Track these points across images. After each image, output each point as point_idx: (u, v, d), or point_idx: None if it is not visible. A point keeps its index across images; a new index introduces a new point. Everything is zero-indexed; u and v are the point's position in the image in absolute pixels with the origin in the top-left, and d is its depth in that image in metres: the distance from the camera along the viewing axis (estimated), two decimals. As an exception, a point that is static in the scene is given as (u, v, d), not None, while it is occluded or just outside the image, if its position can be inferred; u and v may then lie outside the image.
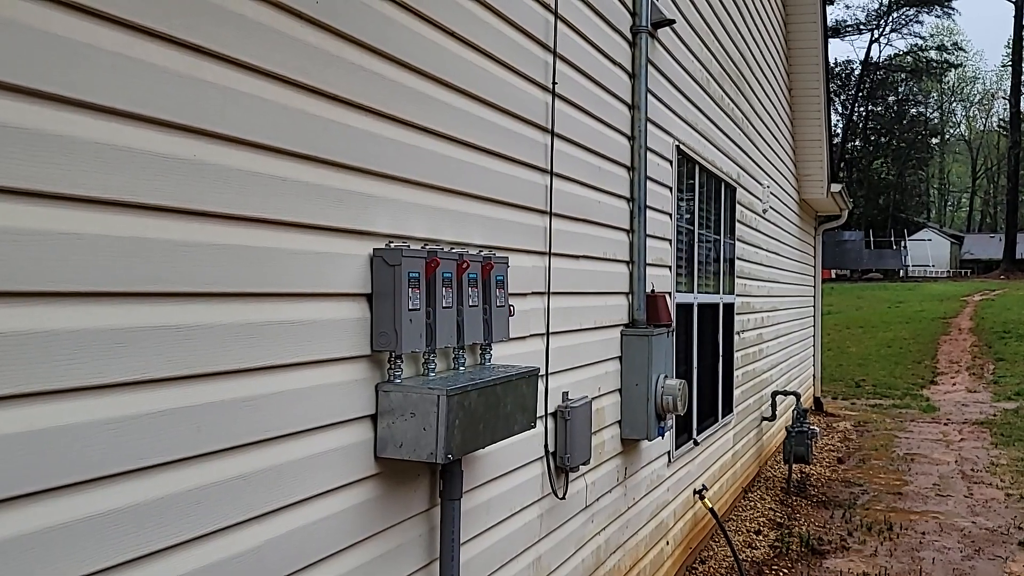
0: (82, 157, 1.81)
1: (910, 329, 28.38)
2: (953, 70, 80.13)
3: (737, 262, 8.72)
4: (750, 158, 9.31)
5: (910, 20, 70.02)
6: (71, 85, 1.79)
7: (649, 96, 5.48)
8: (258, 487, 2.31)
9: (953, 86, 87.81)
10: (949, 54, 75.26)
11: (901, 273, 61.44)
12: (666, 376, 5.31)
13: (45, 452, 1.74)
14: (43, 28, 1.73)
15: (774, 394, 10.38)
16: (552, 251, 4.14)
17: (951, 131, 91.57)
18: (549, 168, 4.08)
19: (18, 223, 1.69)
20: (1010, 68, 68.62)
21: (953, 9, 71.31)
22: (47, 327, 1.75)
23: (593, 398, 4.62)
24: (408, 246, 2.86)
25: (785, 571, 6.91)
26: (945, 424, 13.88)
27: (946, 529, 8.06)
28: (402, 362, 2.87)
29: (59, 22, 1.77)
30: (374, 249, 2.79)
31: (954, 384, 18.79)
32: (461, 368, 3.24)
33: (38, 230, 1.73)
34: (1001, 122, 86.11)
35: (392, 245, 2.84)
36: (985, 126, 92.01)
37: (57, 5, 1.76)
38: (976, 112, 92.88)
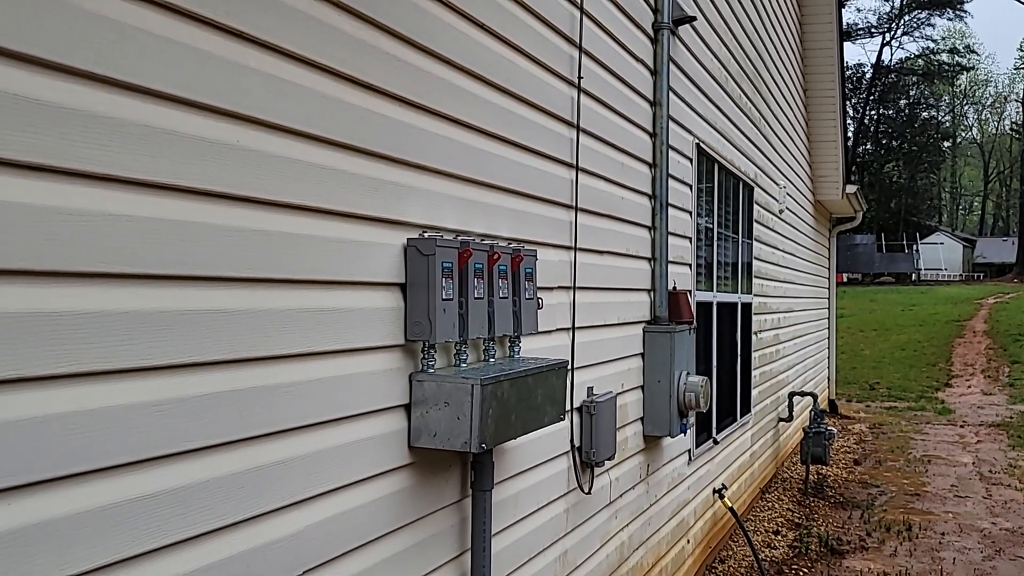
0: (132, 140, 1.82)
1: (924, 332, 28.29)
2: (965, 73, 79.83)
3: (755, 262, 8.71)
4: (767, 158, 9.30)
5: (922, 23, 69.77)
6: (121, 67, 1.80)
7: (671, 93, 5.48)
8: (298, 473, 2.32)
9: (965, 89, 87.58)
10: (961, 57, 75.03)
11: (913, 276, 61.23)
12: (688, 373, 5.30)
13: (96, 432, 1.75)
14: (94, 10, 1.75)
15: (791, 395, 10.36)
16: (577, 246, 4.15)
17: (963, 134, 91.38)
18: (575, 163, 4.09)
19: (72, 203, 1.70)
20: (1022, 71, 68.38)
21: (965, 12, 71.09)
22: (99, 308, 1.76)
23: (617, 394, 4.62)
24: (441, 236, 2.87)
25: (805, 571, 6.89)
26: (961, 426, 13.82)
27: (965, 530, 8.03)
28: (435, 352, 2.88)
29: (110, 5, 1.78)
30: (408, 239, 2.80)
31: (969, 387, 18.71)
32: (491, 360, 3.24)
33: (91, 211, 1.74)
34: (1013, 125, 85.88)
35: (426, 235, 2.85)
36: (997, 129, 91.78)
37: (106, -11, 1.78)
38: (988, 115, 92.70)
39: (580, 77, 4.11)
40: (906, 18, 68.56)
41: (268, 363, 2.23)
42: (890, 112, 72.61)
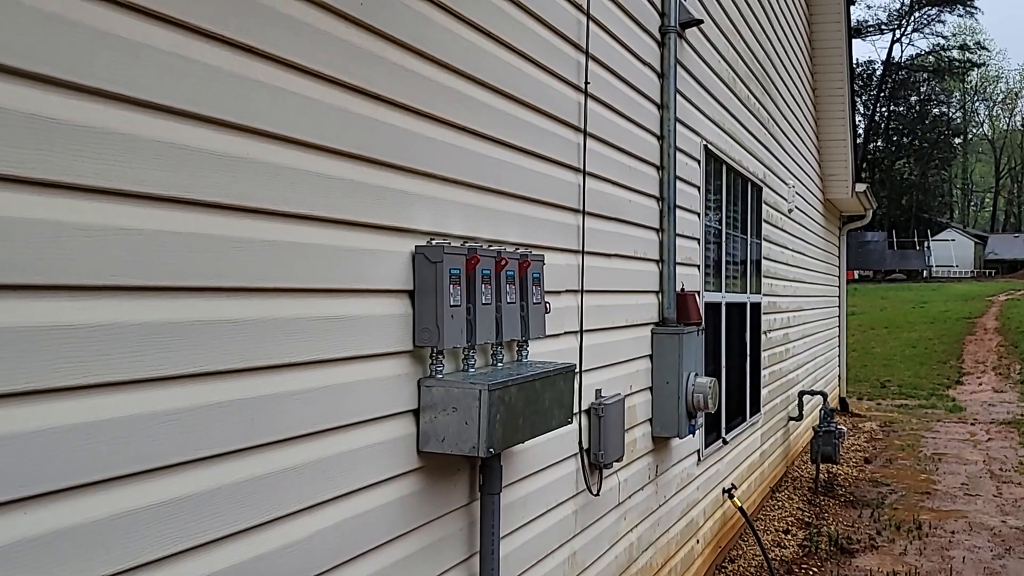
0: (143, 155, 1.86)
1: (935, 329, 28.22)
2: (976, 69, 79.55)
3: (764, 262, 8.72)
4: (776, 158, 9.31)
5: (932, 19, 69.62)
6: (132, 84, 1.84)
7: (678, 96, 5.50)
8: (308, 479, 2.35)
9: (976, 85, 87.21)
10: (972, 53, 74.74)
11: (924, 273, 61.07)
12: (696, 374, 5.33)
13: (109, 442, 1.79)
14: (106, 29, 1.78)
15: (801, 394, 10.36)
16: (585, 249, 4.18)
17: (974, 131, 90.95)
18: (582, 167, 4.12)
19: (85, 219, 1.74)
20: (1034, 67, 67.99)
21: (976, 8, 70.62)
22: (111, 320, 1.80)
23: (625, 396, 4.64)
24: (449, 243, 2.90)
25: (815, 570, 6.90)
26: (972, 424, 13.80)
27: (975, 528, 8.03)
28: (443, 357, 2.91)
29: (120, 23, 1.82)
30: (416, 246, 2.83)
31: (980, 384, 18.67)
32: (499, 364, 3.28)
33: (103, 225, 1.78)
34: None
35: (433, 242, 2.88)
36: (1008, 125, 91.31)
37: (117, 6, 1.81)
38: (999, 111, 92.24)
39: (587, 82, 4.14)
40: (916, 15, 68.40)
41: (278, 371, 2.26)
42: (901, 109, 72.42)
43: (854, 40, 12.75)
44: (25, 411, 1.64)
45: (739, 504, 6.84)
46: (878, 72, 69.99)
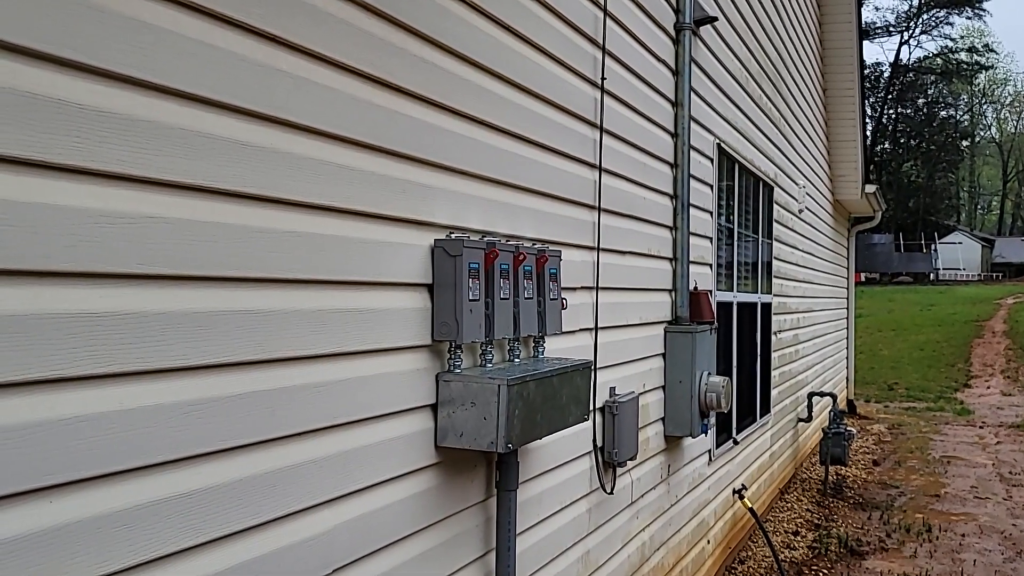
0: (169, 142, 1.85)
1: (942, 332, 28.14)
2: (984, 72, 79.26)
3: (774, 262, 8.69)
4: (787, 158, 9.28)
5: (940, 22, 69.31)
6: (157, 71, 1.82)
7: (692, 94, 5.48)
8: (329, 472, 2.34)
9: (984, 88, 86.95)
10: (980, 56, 74.46)
11: (931, 276, 60.92)
12: (709, 373, 5.30)
13: (134, 431, 1.77)
14: (131, 15, 1.77)
15: (810, 395, 10.33)
16: (600, 246, 4.16)
17: (981, 133, 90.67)
18: (598, 163, 4.10)
19: (110, 205, 1.72)
20: (1042, 70, 67.78)
21: (984, 11, 70.39)
22: (137, 309, 1.78)
23: (639, 394, 4.62)
24: (468, 237, 2.89)
25: (825, 571, 6.87)
26: (980, 427, 13.74)
27: (986, 531, 7.99)
28: (461, 352, 2.89)
29: (145, 9, 1.80)
30: (435, 240, 2.81)
31: (988, 387, 18.60)
32: (516, 360, 3.26)
33: (129, 213, 1.76)
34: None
35: (452, 236, 2.86)
36: (1016, 128, 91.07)
37: (143, -7, 1.80)
38: (1007, 114, 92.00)
39: (603, 78, 4.12)
40: (924, 17, 68.17)
41: (299, 363, 2.25)
42: (908, 111, 72.20)
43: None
44: (51, 399, 1.62)
45: (749, 505, 6.81)
46: (886, 74, 69.85)
